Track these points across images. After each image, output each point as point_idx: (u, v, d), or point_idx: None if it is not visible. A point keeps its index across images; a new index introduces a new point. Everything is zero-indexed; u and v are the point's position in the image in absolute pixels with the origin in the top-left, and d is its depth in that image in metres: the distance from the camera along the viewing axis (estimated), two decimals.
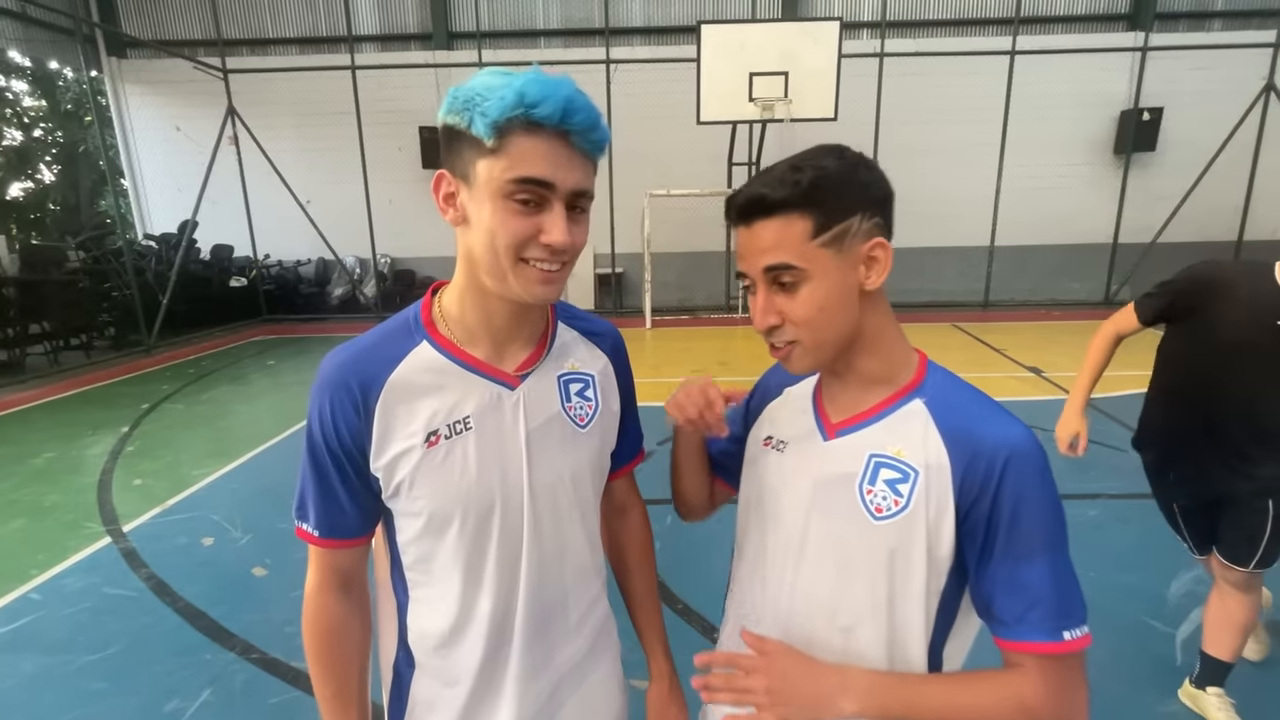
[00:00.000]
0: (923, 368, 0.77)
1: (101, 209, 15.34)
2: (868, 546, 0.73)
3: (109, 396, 5.95)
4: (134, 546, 3.10)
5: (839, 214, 0.69)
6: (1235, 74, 9.29)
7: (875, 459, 0.73)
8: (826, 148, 0.71)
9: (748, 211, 0.71)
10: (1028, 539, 0.67)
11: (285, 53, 10.61)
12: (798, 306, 0.71)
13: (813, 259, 0.69)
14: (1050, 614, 0.66)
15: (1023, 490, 0.67)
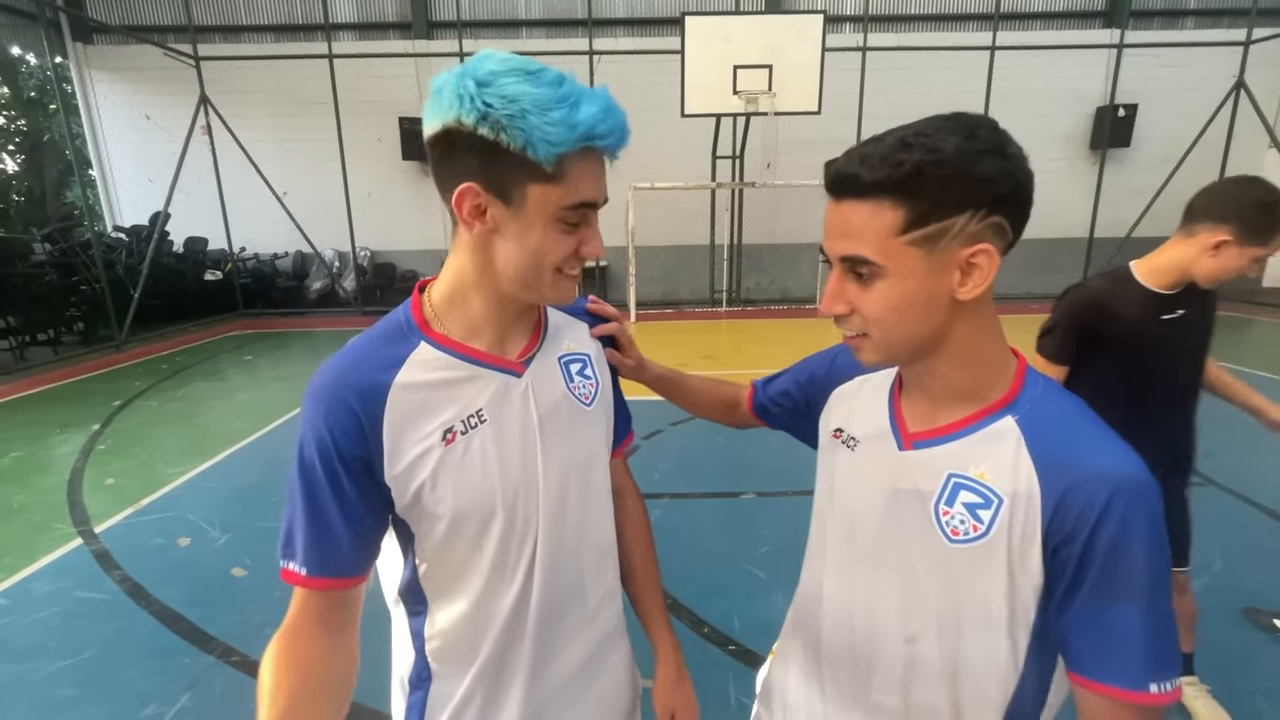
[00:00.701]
0: (1020, 379, 0.68)
1: (69, 200, 14.89)
2: (941, 567, 0.68)
3: (79, 394, 5.77)
4: (106, 548, 3.01)
5: (940, 210, 0.59)
6: (1207, 71, 9.50)
7: (955, 479, 0.67)
8: (955, 121, 0.60)
9: (837, 187, 0.63)
10: (1124, 584, 0.59)
11: (259, 40, 10.36)
12: (870, 302, 0.64)
13: (895, 256, 0.61)
14: (1145, 662, 0.59)
15: (1126, 531, 0.59)
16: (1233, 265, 1.43)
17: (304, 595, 0.71)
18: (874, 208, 0.61)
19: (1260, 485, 3.38)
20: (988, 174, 0.59)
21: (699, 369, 0.87)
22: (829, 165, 0.64)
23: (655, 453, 4.08)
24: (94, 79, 10.17)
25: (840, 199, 0.63)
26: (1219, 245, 1.41)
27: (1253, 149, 9.70)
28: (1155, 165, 9.64)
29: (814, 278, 9.77)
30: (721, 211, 10.06)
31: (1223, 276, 1.45)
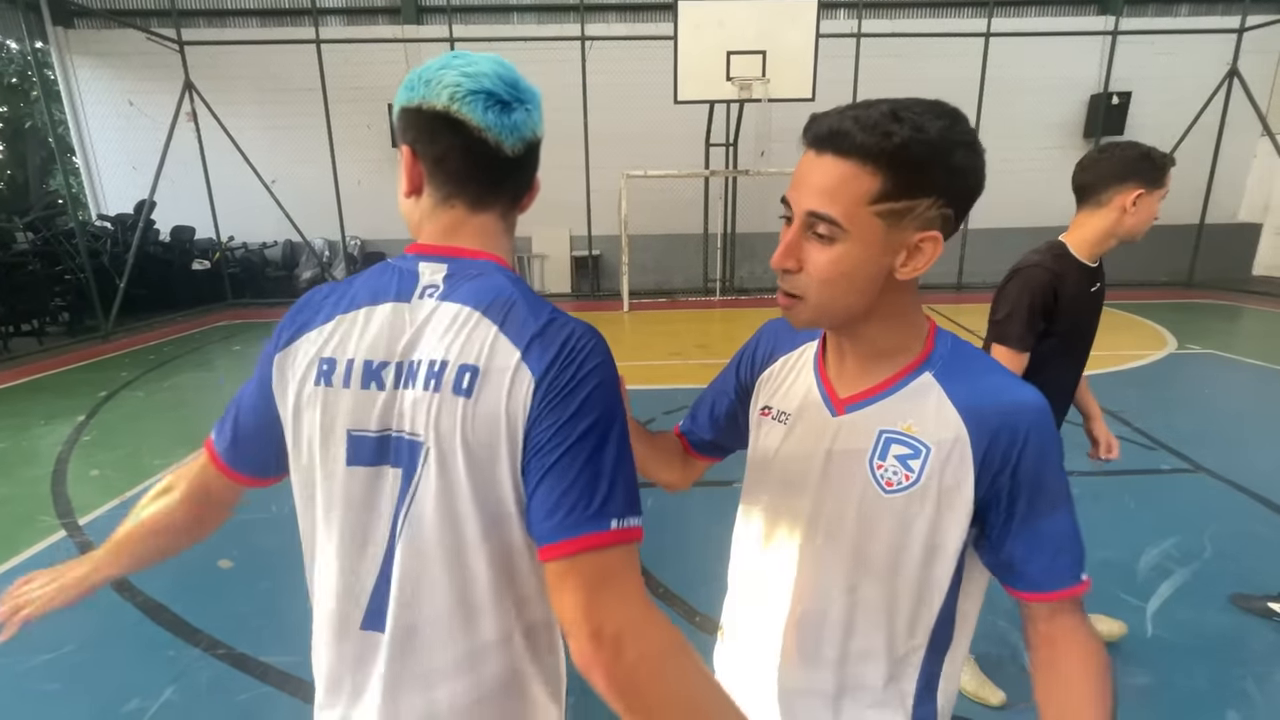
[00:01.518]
0: (931, 337, 0.75)
1: (51, 188, 14.66)
2: (876, 516, 0.74)
3: (64, 384, 5.70)
4: (90, 540, 2.97)
5: (913, 189, 0.63)
6: (1200, 59, 9.48)
7: (885, 434, 0.73)
8: (942, 108, 0.63)
9: (823, 141, 0.64)
10: (1052, 497, 0.69)
11: (245, 25, 10.18)
12: (823, 263, 0.66)
13: (860, 223, 0.64)
14: (1076, 560, 0.71)
15: (1042, 453, 0.68)
16: (1150, 214, 1.58)
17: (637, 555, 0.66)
18: (855, 170, 0.63)
19: (1248, 471, 3.40)
20: (960, 165, 0.63)
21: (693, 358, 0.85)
22: (817, 118, 0.65)
23: None
24: (75, 64, 9.97)
25: (823, 153, 0.64)
26: (1136, 200, 1.55)
27: (1245, 137, 9.71)
28: None
29: None
30: (715, 200, 10.00)
31: (1147, 225, 1.59)
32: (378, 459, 0.66)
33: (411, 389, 0.65)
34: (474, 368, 0.63)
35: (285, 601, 2.47)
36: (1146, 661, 2.07)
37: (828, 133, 0.63)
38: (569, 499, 0.60)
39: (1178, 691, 1.95)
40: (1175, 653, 2.12)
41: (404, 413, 0.65)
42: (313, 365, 0.68)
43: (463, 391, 0.63)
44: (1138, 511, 3.02)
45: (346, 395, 0.66)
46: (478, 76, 0.67)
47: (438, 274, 0.70)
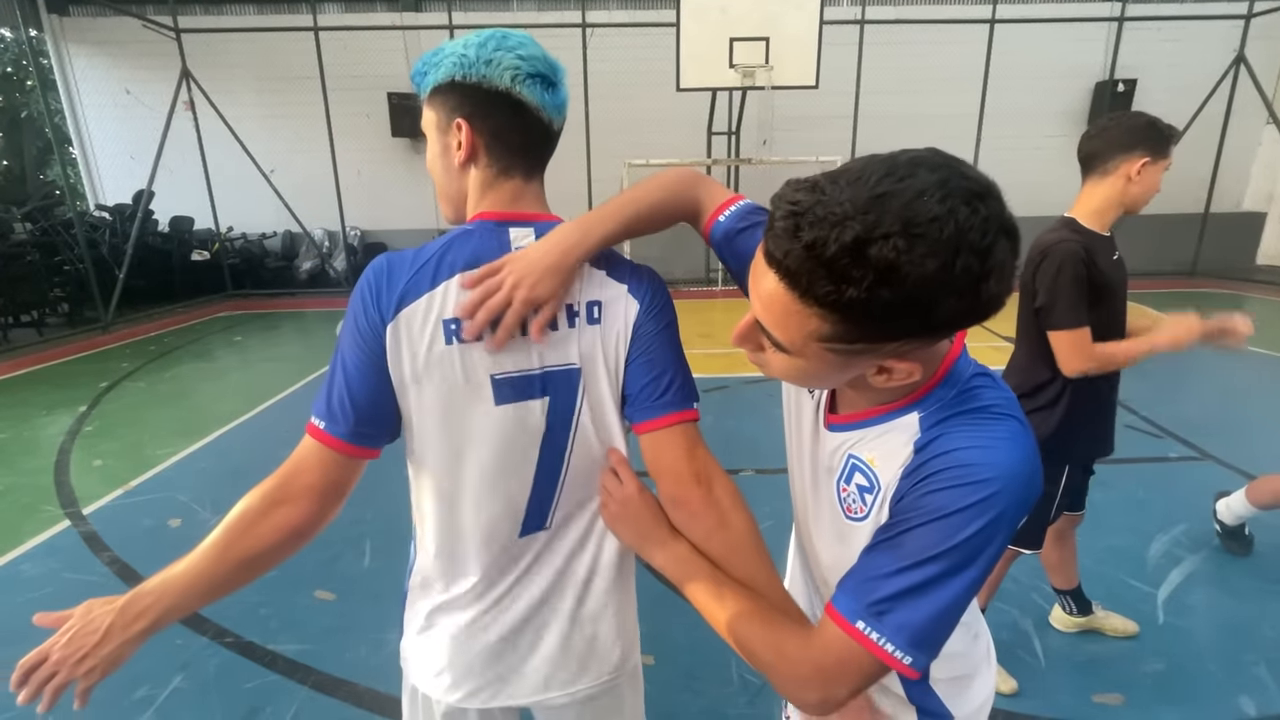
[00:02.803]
0: (940, 375, 0.64)
1: (49, 179, 14.57)
2: (840, 536, 0.73)
3: (64, 375, 5.68)
4: (95, 529, 2.96)
5: (875, 336, 0.53)
6: (1207, 46, 9.38)
7: (852, 460, 0.70)
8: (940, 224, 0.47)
9: (771, 258, 0.53)
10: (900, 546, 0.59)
11: (242, 12, 10.06)
12: (777, 364, 0.62)
13: (811, 353, 0.57)
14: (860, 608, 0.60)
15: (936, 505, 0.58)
16: (1154, 184, 1.57)
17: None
18: (801, 308, 0.52)
19: (1255, 458, 3.38)
20: (949, 312, 0.50)
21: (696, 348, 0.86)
22: (774, 220, 0.52)
23: None
24: (71, 52, 9.87)
25: (770, 266, 0.53)
26: (1141, 169, 1.55)
27: (1251, 125, 9.64)
28: None
29: None
30: None
31: (1150, 195, 1.59)
32: (523, 395, 0.79)
33: (550, 329, 0.78)
34: (597, 301, 0.80)
35: (292, 590, 2.46)
36: (1159, 648, 2.07)
37: (774, 252, 0.52)
38: (672, 384, 0.81)
39: (1190, 678, 1.95)
40: (1187, 639, 2.11)
41: (548, 350, 0.79)
42: (438, 327, 0.75)
43: (595, 321, 0.80)
44: (1147, 499, 3.01)
45: (479, 346, 0.76)
46: (532, 60, 0.76)
47: (527, 237, 0.79)
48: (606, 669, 0.91)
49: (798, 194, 0.51)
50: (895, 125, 9.74)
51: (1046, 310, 1.59)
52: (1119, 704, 1.86)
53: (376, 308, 0.74)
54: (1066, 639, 2.12)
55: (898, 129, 9.83)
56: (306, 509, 0.76)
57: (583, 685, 0.90)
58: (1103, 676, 1.96)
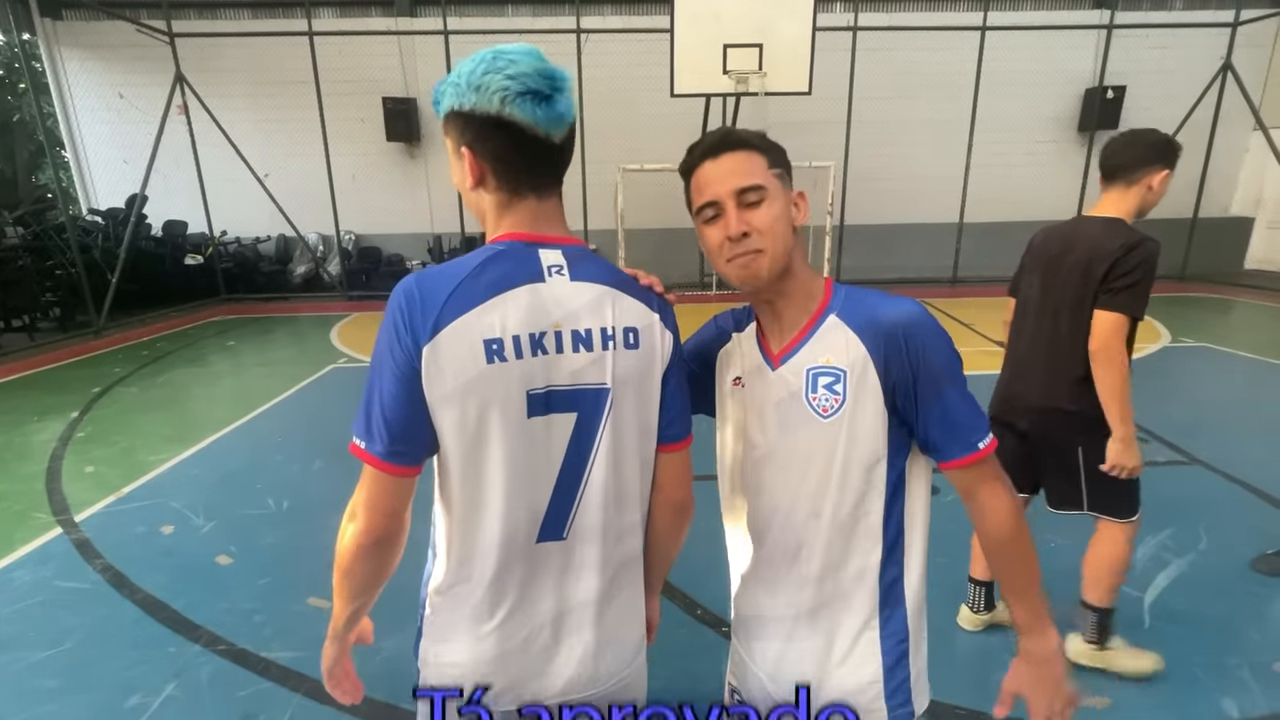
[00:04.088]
0: (829, 289, 0.95)
1: (41, 183, 14.49)
2: (822, 441, 0.91)
3: (56, 380, 5.65)
4: (87, 536, 2.95)
5: (779, 160, 0.92)
6: (1194, 53, 9.50)
7: (812, 371, 0.91)
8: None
9: (718, 147, 0.90)
10: (941, 378, 0.87)
11: (236, 17, 10.06)
12: (761, 219, 0.88)
13: (771, 182, 0.89)
14: (970, 430, 0.88)
15: (925, 345, 0.87)
16: (1164, 192, 1.82)
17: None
18: (749, 154, 0.90)
19: (1242, 463, 3.42)
20: (786, 153, 0.95)
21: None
22: (699, 143, 0.92)
23: None
24: (64, 56, 9.84)
25: (720, 155, 0.90)
26: (1161, 180, 1.79)
27: (1238, 131, 9.76)
28: None
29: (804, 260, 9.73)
30: None
31: (1158, 202, 1.85)
32: (549, 409, 0.82)
33: (586, 350, 0.83)
34: (634, 329, 0.86)
35: (285, 597, 2.46)
36: (1145, 648, 2.09)
37: (719, 142, 0.90)
38: (685, 411, 0.95)
39: (1175, 680, 1.97)
40: (1172, 642, 2.13)
41: (582, 369, 0.83)
42: (477, 348, 0.78)
43: (631, 346, 0.86)
44: None
45: (519, 365, 0.80)
46: (521, 77, 0.77)
47: (555, 258, 0.84)
48: (622, 668, 0.96)
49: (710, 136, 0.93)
50: (888, 130, 9.85)
51: (1123, 291, 1.71)
52: (1106, 706, 1.88)
53: (410, 332, 0.77)
54: None
55: (890, 134, 9.92)
56: (364, 522, 0.82)
57: (600, 686, 0.94)
58: (1090, 679, 1.98)
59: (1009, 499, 0.90)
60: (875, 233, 10.14)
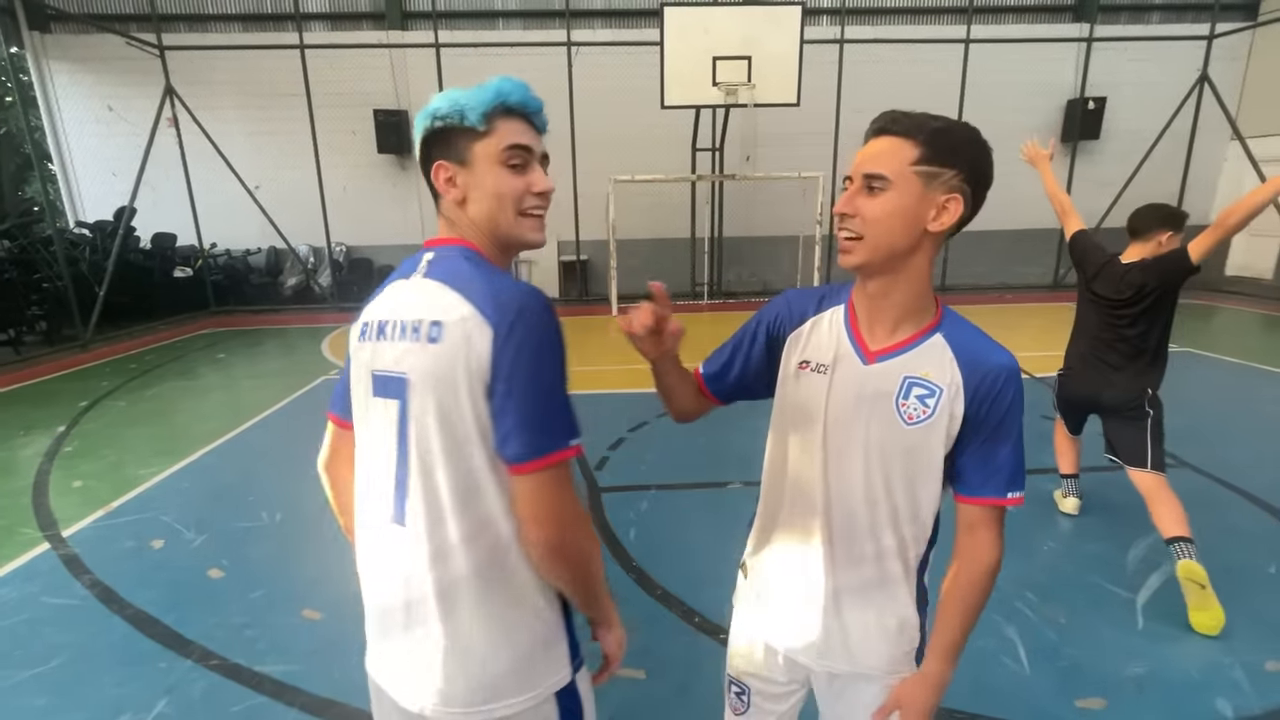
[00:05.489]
0: (940, 310, 0.99)
1: (27, 196, 14.36)
2: (897, 444, 0.96)
3: (43, 394, 5.58)
4: (75, 552, 2.90)
5: (943, 159, 0.88)
6: (1172, 65, 9.72)
7: (908, 380, 0.95)
8: (964, 122, 0.92)
9: (883, 128, 0.91)
10: (1008, 430, 0.94)
11: (227, 30, 10.07)
12: (873, 207, 0.90)
13: (903, 178, 0.88)
14: (1008, 481, 0.95)
15: (1012, 401, 0.94)
16: (1172, 245, 2.51)
17: (564, 469, 0.83)
18: (901, 143, 0.89)
19: (1228, 466, 3.47)
20: (977, 153, 0.90)
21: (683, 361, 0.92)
22: (878, 118, 0.92)
23: (641, 444, 4.06)
24: (53, 69, 9.79)
25: (879, 136, 0.91)
26: (1169, 239, 2.52)
27: (1216, 141, 9.96)
28: (1123, 158, 9.85)
29: (794, 269, 9.80)
30: (702, 204, 10.05)
31: None
32: (382, 392, 0.88)
33: (402, 339, 0.85)
34: (439, 323, 0.82)
35: (278, 610, 2.43)
36: (1139, 653, 2.11)
37: (887, 122, 0.90)
38: (532, 424, 0.79)
39: (1169, 681, 1.99)
40: (1165, 643, 2.16)
41: (397, 356, 0.86)
42: (358, 327, 0.94)
43: (432, 340, 0.82)
44: (1125, 507, 3.06)
45: (368, 345, 0.91)
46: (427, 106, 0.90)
47: (428, 257, 0.92)
48: (492, 696, 0.85)
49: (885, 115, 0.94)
50: None
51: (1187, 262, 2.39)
52: (1101, 708, 1.89)
53: None
54: (1048, 646, 2.16)
55: None
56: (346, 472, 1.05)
57: (463, 709, 0.85)
58: (1085, 681, 2.00)
59: (1001, 549, 0.98)
60: None
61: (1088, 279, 2.71)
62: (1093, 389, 2.69)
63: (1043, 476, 3.37)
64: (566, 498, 0.82)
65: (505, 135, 0.87)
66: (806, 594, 1.05)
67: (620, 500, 3.29)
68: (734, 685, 1.18)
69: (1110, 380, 2.64)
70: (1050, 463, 3.23)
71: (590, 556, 0.87)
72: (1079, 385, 2.76)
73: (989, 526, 0.96)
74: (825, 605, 1.04)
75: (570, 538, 0.82)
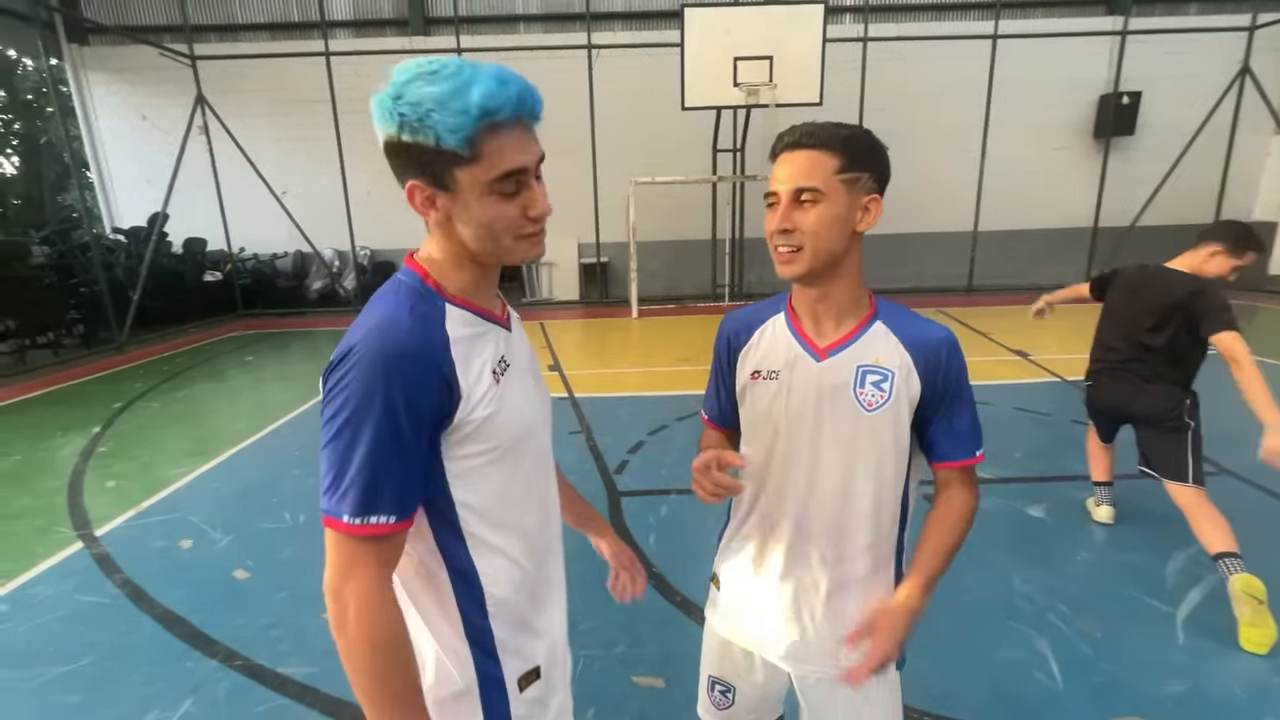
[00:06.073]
0: (873, 300, 1.05)
1: (66, 203, 14.85)
2: (863, 432, 1.01)
3: (79, 396, 5.75)
4: (108, 551, 2.97)
5: (858, 164, 0.94)
6: (1211, 57, 9.41)
7: (862, 368, 1.01)
8: (869, 130, 0.97)
9: (797, 143, 0.95)
10: (964, 397, 1.03)
11: (256, 39, 10.30)
12: (809, 220, 0.95)
13: (832, 188, 0.93)
14: (973, 442, 1.04)
15: (959, 368, 1.02)
16: (1224, 267, 2.42)
17: (382, 546, 0.74)
18: (821, 155, 0.94)
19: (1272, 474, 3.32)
20: (882, 156, 0.98)
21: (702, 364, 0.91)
22: (783, 135, 0.96)
23: (661, 448, 4.04)
24: (90, 80, 10.12)
25: (796, 150, 0.95)
26: (1218, 254, 2.41)
27: (1258, 135, 9.62)
28: (1159, 153, 9.56)
29: None
30: (723, 205, 10.00)
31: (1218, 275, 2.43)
32: None
33: None
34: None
35: (303, 611, 2.46)
36: (1178, 669, 2.03)
37: (800, 137, 0.95)
38: (322, 480, 0.72)
39: (1212, 699, 1.91)
40: (1208, 660, 2.07)
41: None
42: None
43: None
44: (1162, 515, 2.96)
45: None
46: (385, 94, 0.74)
47: None
48: None
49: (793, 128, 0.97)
50: (900, 140, 9.77)
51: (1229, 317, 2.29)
52: None
53: None
54: (1081, 660, 2.09)
55: (902, 143, 9.83)
56: None
57: None
58: (1120, 698, 1.92)
59: (976, 494, 1.06)
60: (888, 241, 10.08)
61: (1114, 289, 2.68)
62: (1123, 398, 2.59)
63: (1072, 484, 3.27)
64: (351, 573, 0.71)
65: (495, 161, 0.72)
66: (782, 599, 1.08)
67: (640, 505, 3.26)
68: (718, 685, 1.22)
69: (1142, 389, 2.53)
70: (1080, 469, 3.14)
71: (372, 663, 0.71)
72: (1107, 394, 2.67)
73: (963, 481, 1.05)
74: (801, 609, 1.07)
75: (344, 623, 0.70)
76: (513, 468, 0.85)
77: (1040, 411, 4.50)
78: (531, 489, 0.90)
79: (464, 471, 0.81)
